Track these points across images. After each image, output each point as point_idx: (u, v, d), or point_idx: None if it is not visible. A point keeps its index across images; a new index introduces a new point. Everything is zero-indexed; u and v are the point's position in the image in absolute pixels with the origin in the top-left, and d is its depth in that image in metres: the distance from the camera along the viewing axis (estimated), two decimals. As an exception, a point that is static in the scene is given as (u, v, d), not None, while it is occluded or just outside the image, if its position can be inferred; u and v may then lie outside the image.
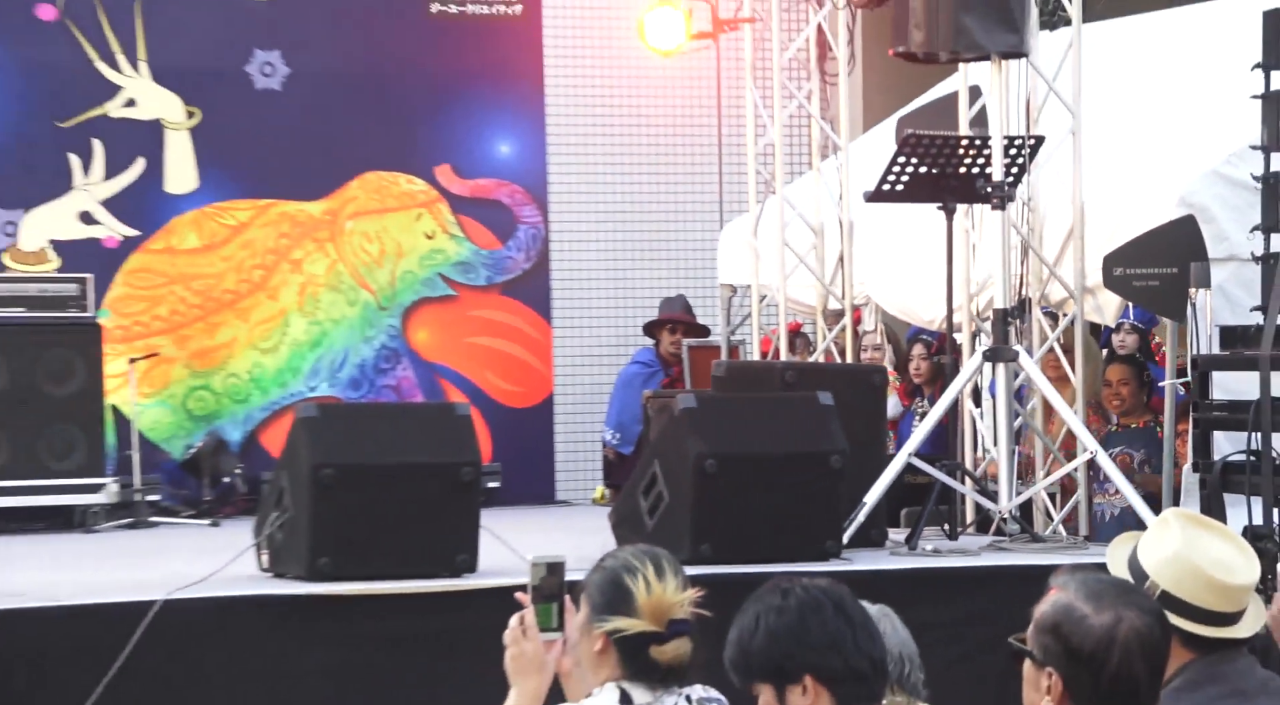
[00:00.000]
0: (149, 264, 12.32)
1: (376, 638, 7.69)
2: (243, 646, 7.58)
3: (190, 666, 7.42)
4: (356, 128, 12.57)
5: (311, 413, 8.51)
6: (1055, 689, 3.69)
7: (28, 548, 9.99)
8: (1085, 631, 3.70)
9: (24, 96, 11.92)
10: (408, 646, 7.63)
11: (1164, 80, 10.92)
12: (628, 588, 4.69)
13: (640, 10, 13.55)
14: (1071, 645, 3.69)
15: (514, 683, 4.82)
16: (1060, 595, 3.78)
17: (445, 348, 12.82)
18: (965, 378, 9.90)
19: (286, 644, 7.64)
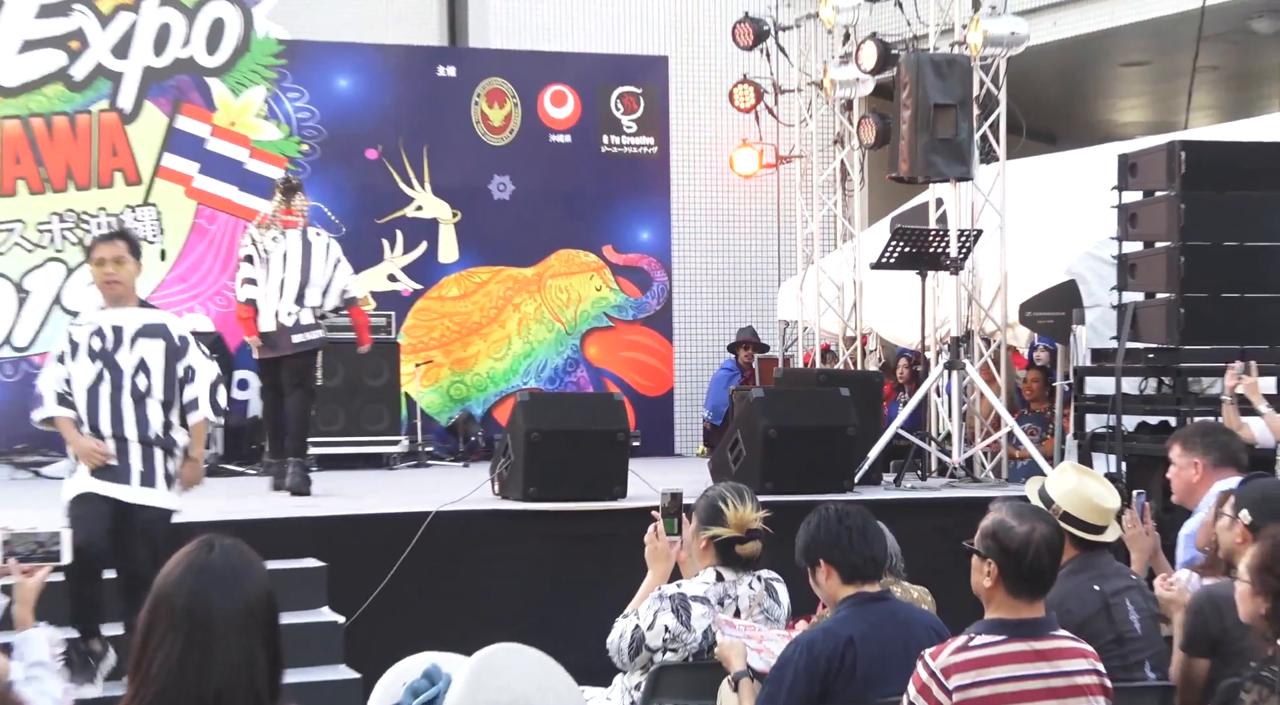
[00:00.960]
0: (428, 306, 12.40)
1: (566, 536, 7.73)
2: (483, 541, 7.64)
3: (452, 553, 7.49)
4: (555, 222, 12.62)
5: (525, 397, 8.56)
6: (993, 573, 3.67)
7: (356, 479, 10.10)
8: (1013, 536, 3.68)
9: (358, 204, 12.06)
10: (585, 542, 7.66)
11: (1057, 195, 10.84)
12: (721, 509, 4.71)
13: (730, 149, 13.55)
14: (1004, 544, 3.67)
15: (650, 566, 4.86)
16: (996, 514, 3.77)
17: (607, 358, 12.83)
18: (932, 380, 9.84)
19: (510, 539, 7.69)
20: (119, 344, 5.82)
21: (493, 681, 1.99)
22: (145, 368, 5.82)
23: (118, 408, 5.79)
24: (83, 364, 5.80)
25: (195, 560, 2.45)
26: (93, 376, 5.79)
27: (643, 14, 14.32)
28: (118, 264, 5.84)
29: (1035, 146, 12.55)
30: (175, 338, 5.92)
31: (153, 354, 5.84)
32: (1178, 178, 8.32)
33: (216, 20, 11.93)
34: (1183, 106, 13.39)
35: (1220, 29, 13.03)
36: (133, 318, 5.89)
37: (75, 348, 5.83)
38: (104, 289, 5.88)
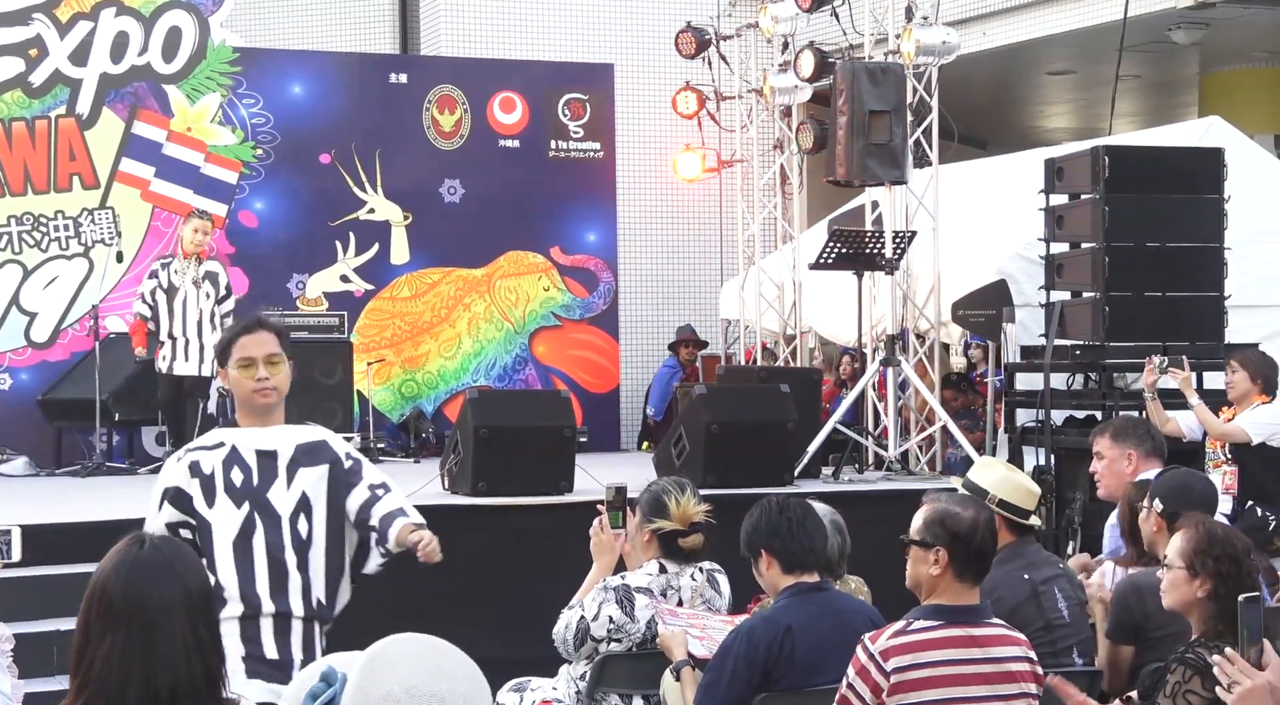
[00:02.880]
0: (380, 306, 12.29)
1: (514, 530, 7.68)
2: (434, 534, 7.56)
3: (402, 547, 7.40)
4: (504, 225, 12.55)
5: (475, 395, 8.50)
6: (942, 560, 3.65)
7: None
8: (960, 521, 3.67)
9: (312, 207, 11.95)
10: (532, 536, 7.61)
11: (988, 198, 10.87)
12: (664, 502, 4.68)
13: (673, 154, 13.51)
14: (952, 530, 3.66)
15: (595, 559, 4.82)
16: (936, 504, 3.76)
17: (555, 357, 12.77)
18: (869, 376, 9.85)
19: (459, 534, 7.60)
20: (271, 477, 4.04)
21: (385, 674, 1.93)
22: (307, 507, 4.05)
23: (280, 569, 3.99)
24: (223, 509, 3.99)
25: (127, 555, 2.39)
26: (239, 525, 3.98)
27: (589, 23, 14.26)
28: (272, 365, 4.09)
29: (966, 151, 12.60)
30: (342, 458, 4.15)
31: (315, 487, 4.07)
32: (1102, 181, 8.36)
33: (173, 28, 11.79)
34: (1106, 113, 13.47)
35: (1141, 39, 13.12)
36: (285, 437, 4.11)
37: (207, 484, 4.00)
38: (252, 400, 4.09)
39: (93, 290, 11.30)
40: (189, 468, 4.02)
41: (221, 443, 4.06)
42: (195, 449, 4.08)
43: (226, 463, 4.02)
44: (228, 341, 4.14)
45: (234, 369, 4.07)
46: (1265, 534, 6.41)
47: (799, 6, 10.51)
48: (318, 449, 4.12)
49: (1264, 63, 14.90)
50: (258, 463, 4.03)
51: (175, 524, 4.00)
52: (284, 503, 4.03)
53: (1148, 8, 12.57)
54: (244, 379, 4.06)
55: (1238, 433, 7.04)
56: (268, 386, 4.07)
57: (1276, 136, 14.66)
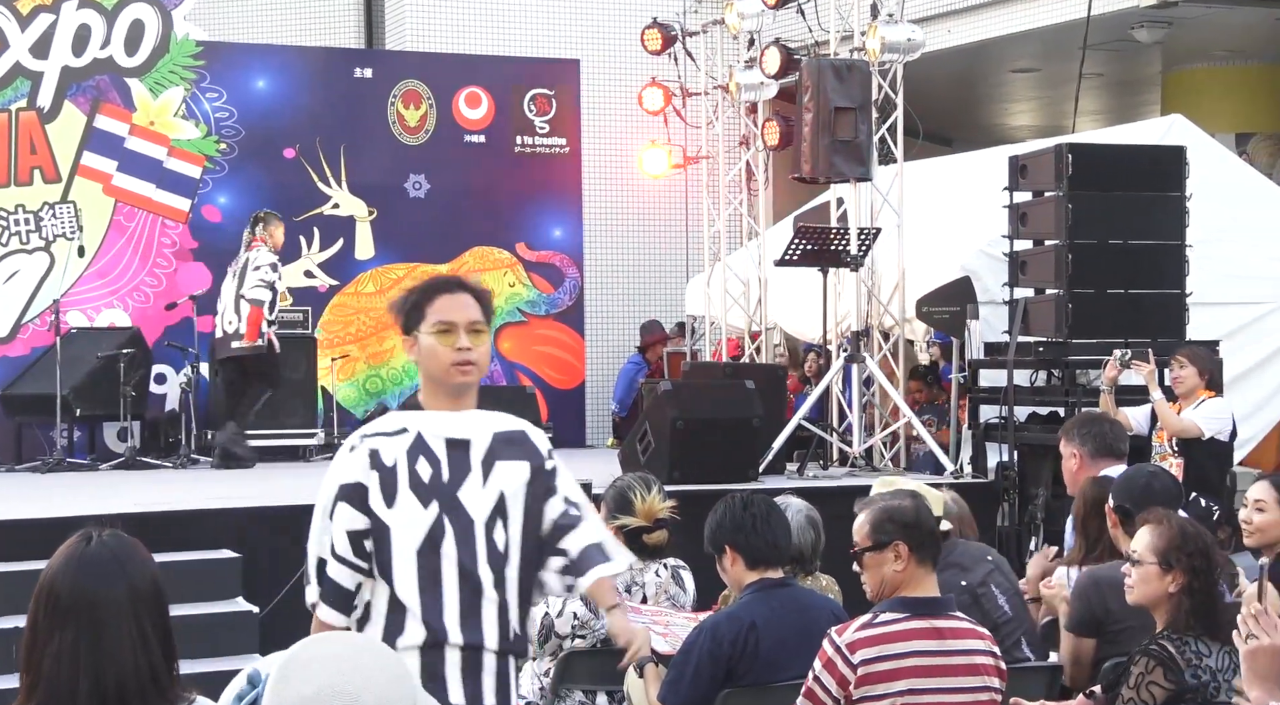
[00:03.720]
0: (344, 302, 12.24)
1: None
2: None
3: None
4: (469, 220, 12.52)
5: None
6: (903, 552, 3.67)
7: (272, 471, 9.96)
8: (904, 510, 3.71)
9: (276, 202, 11.86)
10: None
11: (952, 195, 10.90)
12: (629, 499, 4.67)
13: (639, 150, 13.50)
14: (901, 521, 3.69)
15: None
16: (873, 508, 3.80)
17: (520, 353, 12.75)
18: (834, 372, 9.86)
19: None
20: (464, 471, 3.25)
21: (299, 674, 1.92)
22: (504, 512, 3.27)
23: (473, 588, 3.20)
24: (406, 509, 3.19)
25: (75, 552, 2.37)
26: (425, 529, 3.19)
27: (555, 19, 14.23)
28: (475, 334, 3.33)
29: (931, 148, 12.62)
30: (543, 454, 3.39)
31: (514, 488, 3.29)
32: (1065, 179, 8.40)
33: (135, 21, 11.69)
34: (1070, 111, 13.54)
35: (1104, 38, 13.18)
36: (480, 425, 3.34)
37: (388, 479, 3.19)
38: (448, 376, 3.31)
39: (54, 285, 11.20)
40: (368, 457, 3.18)
41: (404, 428, 3.24)
42: (373, 434, 3.23)
43: (412, 452, 3.20)
44: (418, 301, 3.31)
45: (428, 335, 3.27)
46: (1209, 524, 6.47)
47: (764, 3, 10.51)
48: (518, 441, 3.34)
49: (1225, 62, 15.00)
50: (448, 454, 3.23)
51: (359, 533, 3.16)
52: (478, 504, 3.22)
53: (1111, 6, 12.64)
54: (441, 348, 3.26)
55: (1192, 428, 7.17)
56: (469, 360, 3.28)
57: (1238, 135, 14.76)
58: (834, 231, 9.75)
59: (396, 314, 3.37)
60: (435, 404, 3.33)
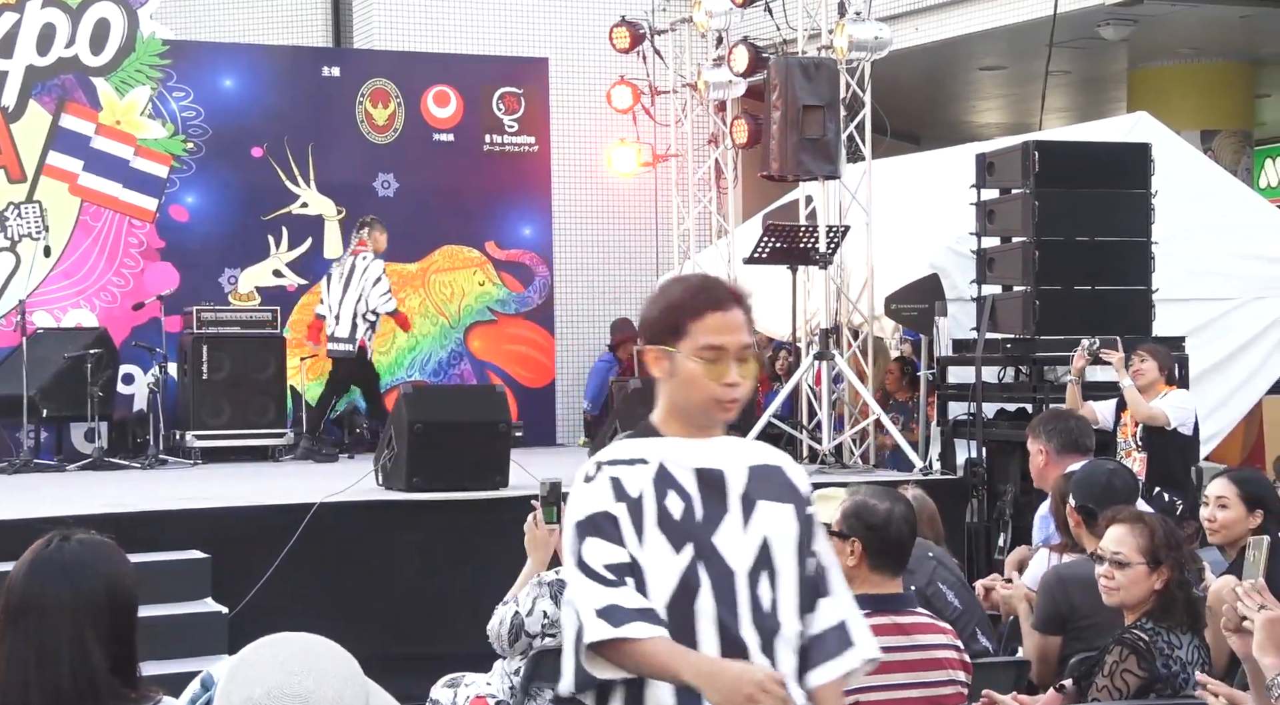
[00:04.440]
0: (312, 301, 12.17)
1: (447, 526, 7.66)
2: (367, 531, 7.53)
3: (336, 543, 7.38)
4: (438, 219, 12.50)
5: (409, 390, 8.46)
6: (857, 551, 3.69)
7: (240, 470, 9.93)
8: (875, 512, 3.72)
9: (244, 201, 11.85)
10: (466, 531, 7.59)
11: (920, 193, 10.94)
12: (598, 497, 4.65)
13: (608, 148, 13.51)
14: (867, 521, 3.70)
15: (530, 554, 4.79)
16: (855, 496, 3.81)
17: (490, 351, 12.73)
18: (803, 370, 9.89)
19: (394, 529, 7.60)
20: (719, 511, 2.67)
21: (248, 675, 1.93)
22: (769, 563, 2.69)
23: (737, 655, 2.60)
24: (656, 551, 2.62)
25: (39, 554, 2.39)
26: (677, 577, 2.62)
27: (523, 17, 14.21)
28: (743, 363, 2.71)
29: (899, 146, 12.67)
30: (805, 495, 2.82)
31: (781, 533, 2.72)
32: (1032, 176, 8.45)
33: (101, 20, 11.63)
34: (1037, 109, 13.60)
35: (1071, 36, 13.24)
36: (733, 454, 2.75)
37: (634, 511, 2.63)
38: (707, 410, 2.69)
39: (20, 285, 11.13)
40: (611, 486, 2.62)
41: (642, 457, 2.66)
42: (612, 462, 2.66)
43: (658, 484, 2.63)
44: (681, 311, 2.66)
45: (690, 358, 2.64)
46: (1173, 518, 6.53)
47: (732, 1, 10.52)
48: (776, 477, 2.76)
49: (1191, 59, 15.09)
50: (699, 488, 2.65)
51: (622, 567, 2.58)
52: (739, 552, 2.64)
53: (1077, 4, 12.70)
54: (706, 381, 2.64)
55: (1160, 416, 7.23)
56: (736, 397, 2.68)
57: (1203, 132, 14.86)
58: (803, 229, 9.78)
59: (650, 322, 2.71)
60: (676, 430, 2.70)
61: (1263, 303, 9.98)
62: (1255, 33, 14.31)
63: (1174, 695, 3.67)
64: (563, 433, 13.24)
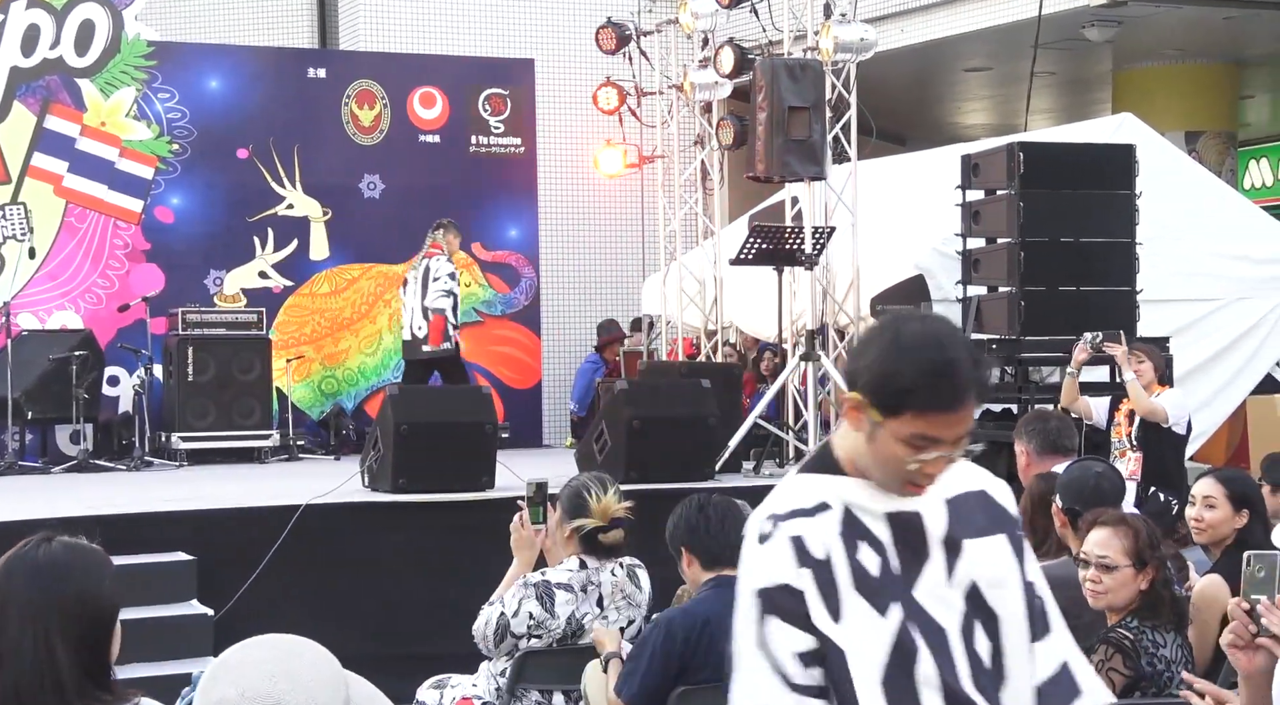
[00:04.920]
0: (299, 303, 12.18)
1: (434, 527, 7.65)
2: (354, 532, 7.52)
3: (322, 545, 7.37)
4: (425, 220, 12.41)
5: (395, 391, 8.46)
6: None
7: (226, 472, 9.92)
8: None
9: (229, 202, 11.83)
10: (453, 532, 7.58)
11: (906, 194, 10.96)
12: (585, 498, 4.67)
13: (595, 150, 13.51)
14: None
15: (515, 555, 4.80)
16: None
17: (476, 352, 12.72)
18: (789, 370, 9.90)
19: (380, 531, 7.59)
20: (920, 559, 2.32)
21: (224, 675, 1.95)
22: (983, 610, 2.33)
23: None
24: (859, 621, 2.26)
25: (16, 553, 2.42)
26: (887, 647, 2.26)
27: (510, 19, 14.22)
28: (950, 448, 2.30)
29: (885, 147, 12.69)
30: (1014, 518, 2.43)
31: (989, 574, 2.35)
32: (1017, 177, 8.47)
33: (85, 21, 11.61)
34: (1022, 110, 13.64)
35: (1055, 37, 13.28)
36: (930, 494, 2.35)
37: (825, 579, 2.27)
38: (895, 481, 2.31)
39: (4, 287, 11.11)
40: (792, 549, 2.25)
41: (824, 502, 2.30)
42: (788, 515, 2.28)
43: (847, 537, 2.27)
44: (907, 396, 2.26)
45: (896, 441, 2.26)
46: (1168, 519, 6.52)
47: (718, 3, 10.54)
48: (977, 505, 2.36)
49: (1175, 60, 15.14)
50: (892, 535, 2.29)
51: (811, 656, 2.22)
52: (946, 605, 2.28)
53: (1061, 5, 12.74)
54: (905, 460, 2.28)
55: (1160, 411, 7.21)
56: (930, 484, 2.32)
57: (1187, 133, 14.91)
58: (789, 230, 9.79)
59: (864, 376, 2.30)
60: (863, 468, 2.33)
61: (1246, 303, 10.01)
62: (1239, 34, 14.37)
63: (1159, 694, 3.67)
64: (549, 434, 13.24)
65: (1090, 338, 7.44)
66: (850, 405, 2.32)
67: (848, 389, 2.33)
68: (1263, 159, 19.89)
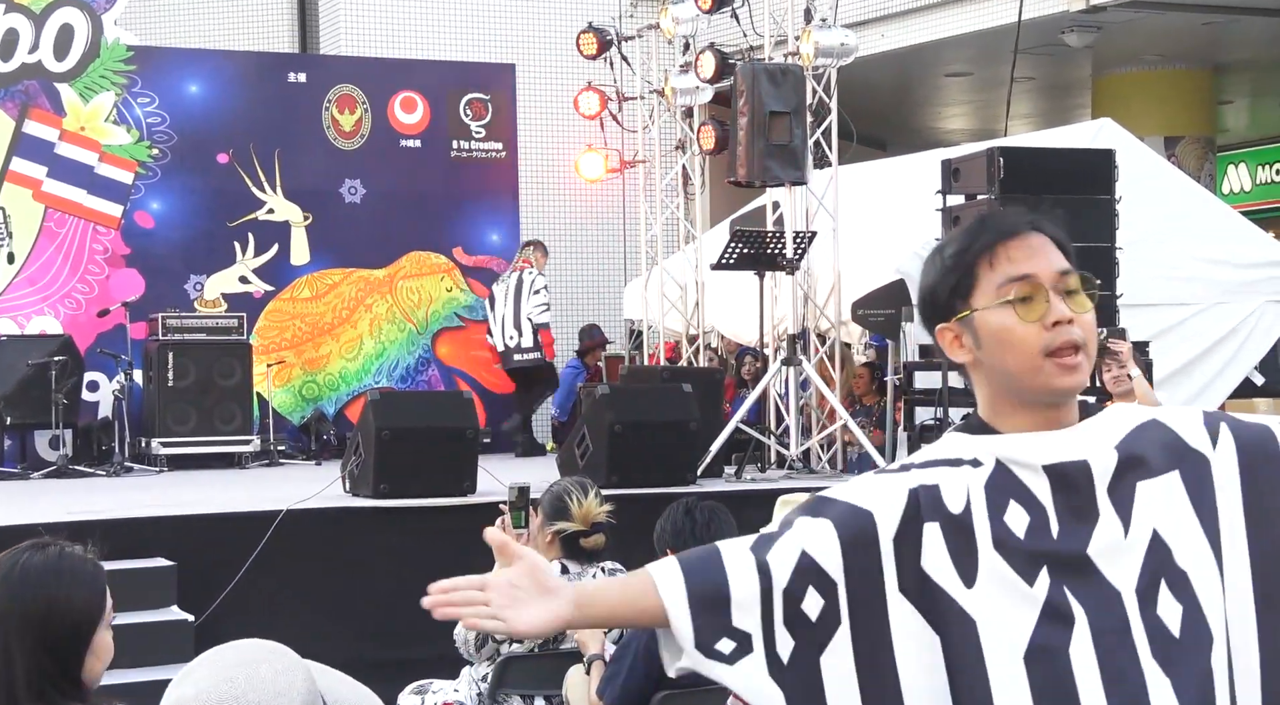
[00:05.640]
0: (280, 308, 12.15)
1: (415, 532, 7.64)
2: (335, 538, 7.51)
3: (303, 550, 7.35)
4: (406, 225, 12.47)
5: (376, 396, 8.45)
6: None
7: (207, 478, 9.89)
8: None
9: (210, 207, 11.79)
10: (433, 537, 7.56)
11: (887, 199, 10.98)
12: (566, 503, 4.68)
13: (576, 155, 13.51)
14: None
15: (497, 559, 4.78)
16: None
17: (458, 358, 12.70)
18: (770, 375, 9.90)
19: (361, 536, 7.57)
20: (1090, 518, 1.90)
21: (191, 675, 1.98)
22: (1168, 566, 1.90)
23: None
24: (997, 585, 1.87)
25: (3, 558, 2.39)
26: (1033, 621, 1.86)
27: (491, 23, 14.22)
28: (1073, 296, 2.00)
29: (866, 152, 12.73)
30: (1190, 445, 1.97)
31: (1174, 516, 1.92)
32: (997, 182, 8.48)
33: (65, 26, 11.57)
34: (1002, 115, 13.68)
35: (1035, 42, 13.33)
36: (1094, 437, 1.94)
37: (958, 533, 1.89)
38: (1046, 374, 1.92)
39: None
40: (909, 495, 1.92)
41: (974, 458, 1.95)
42: (926, 464, 1.96)
43: (993, 493, 1.91)
44: (964, 255, 1.98)
45: (993, 309, 1.94)
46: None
47: (699, 8, 10.56)
48: (1150, 440, 1.96)
49: (1154, 65, 15.21)
50: (1053, 493, 1.90)
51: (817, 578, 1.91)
52: (1123, 564, 1.89)
53: (1041, 11, 12.78)
54: (1021, 322, 1.93)
55: None
56: (1073, 341, 1.94)
57: (1166, 138, 14.98)
58: (770, 235, 9.80)
59: (930, 296, 2.01)
60: (1017, 422, 1.96)
61: (1225, 307, 10.06)
62: (1218, 40, 14.44)
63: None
64: (530, 438, 13.22)
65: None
66: (946, 341, 1.99)
67: (930, 328, 2.02)
68: (1241, 164, 19.99)
